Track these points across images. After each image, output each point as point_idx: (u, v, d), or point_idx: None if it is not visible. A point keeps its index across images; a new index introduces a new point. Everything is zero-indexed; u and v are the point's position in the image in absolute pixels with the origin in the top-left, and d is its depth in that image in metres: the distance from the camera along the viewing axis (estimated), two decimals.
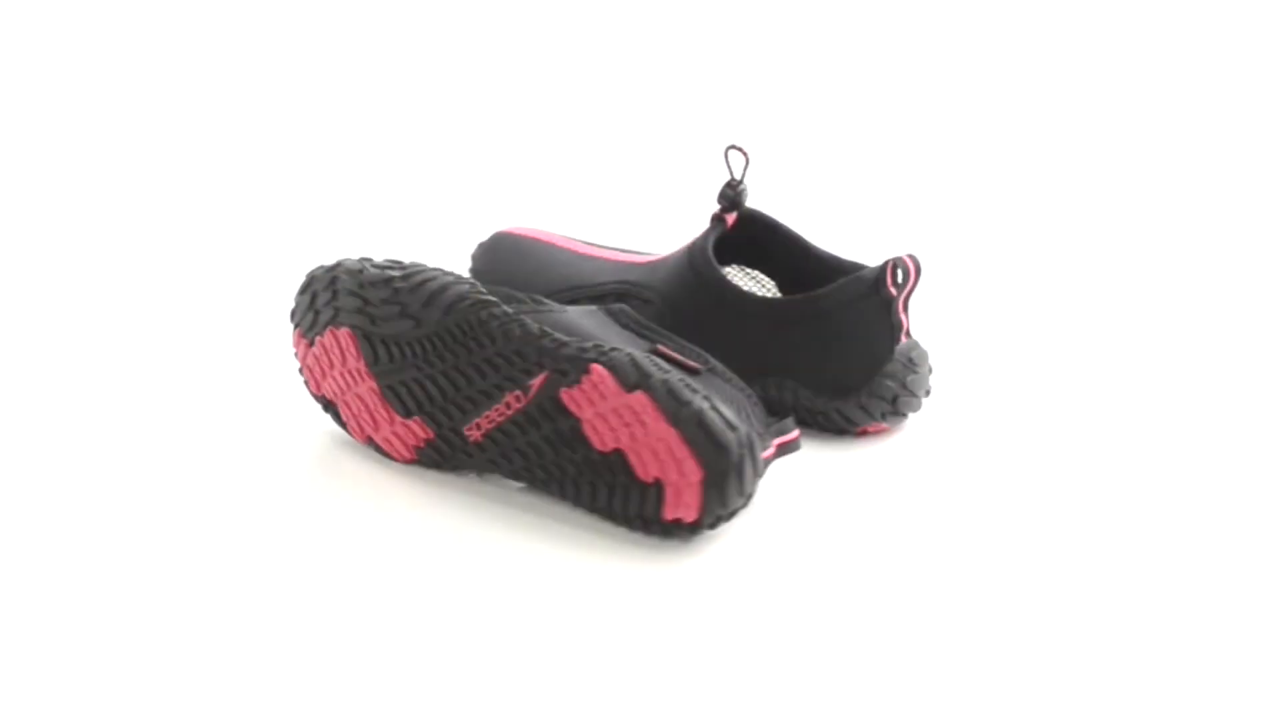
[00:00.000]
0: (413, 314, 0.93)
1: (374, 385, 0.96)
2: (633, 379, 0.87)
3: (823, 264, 1.03)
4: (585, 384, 0.88)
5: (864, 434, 1.00)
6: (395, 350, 0.94)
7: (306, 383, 1.00)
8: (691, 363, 0.92)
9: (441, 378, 0.92)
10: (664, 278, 1.04)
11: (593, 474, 0.89)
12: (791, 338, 1.00)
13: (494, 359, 0.91)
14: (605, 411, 0.87)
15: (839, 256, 1.03)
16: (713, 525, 0.88)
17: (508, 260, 1.13)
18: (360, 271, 0.96)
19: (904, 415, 1.00)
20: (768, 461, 0.90)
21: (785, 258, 1.05)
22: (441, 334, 0.93)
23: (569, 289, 1.09)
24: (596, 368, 0.88)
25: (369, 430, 0.97)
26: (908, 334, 0.99)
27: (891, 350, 0.98)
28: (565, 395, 0.88)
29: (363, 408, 0.97)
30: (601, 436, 0.88)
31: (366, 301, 0.95)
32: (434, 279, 0.94)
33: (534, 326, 0.91)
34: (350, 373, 0.97)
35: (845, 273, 1.02)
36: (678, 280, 1.03)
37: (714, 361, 0.93)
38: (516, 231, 1.15)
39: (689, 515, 0.87)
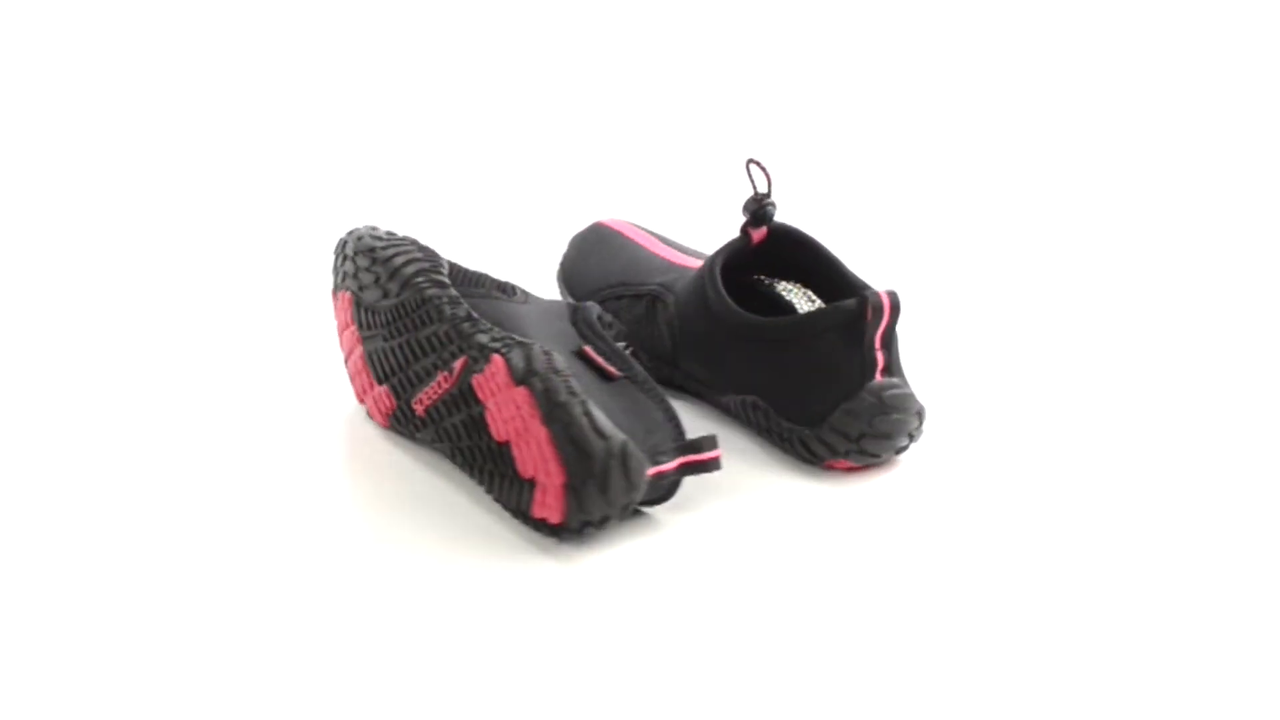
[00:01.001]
0: (382, 285, 0.98)
1: (361, 350, 1.00)
2: (519, 373, 0.88)
3: (848, 286, 1.00)
4: (487, 372, 0.89)
5: (830, 468, 0.97)
6: (372, 318, 0.99)
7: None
8: (610, 368, 0.92)
9: (401, 350, 0.96)
10: (683, 285, 1.04)
11: (491, 462, 0.90)
12: (769, 359, 0.97)
13: (434, 338, 0.94)
14: (502, 402, 0.89)
15: (862, 281, 1.00)
16: (579, 531, 0.88)
17: (589, 251, 1.15)
18: (360, 239, 1.01)
19: (874, 456, 0.96)
20: (662, 477, 0.89)
21: (820, 275, 1.03)
22: (401, 307, 0.96)
23: (618, 285, 1.09)
24: (496, 358, 0.89)
25: (361, 392, 1.02)
26: (885, 372, 0.95)
27: (859, 386, 0.95)
28: (476, 381, 0.90)
29: (358, 369, 1.02)
30: (498, 426, 0.89)
31: (357, 268, 1.00)
32: (401, 254, 0.98)
33: (463, 311, 0.93)
34: (350, 335, 1.02)
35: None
36: (689, 289, 1.03)
37: (638, 371, 0.93)
38: (608, 223, 1.17)
39: (553, 517, 0.87)
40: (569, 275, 1.15)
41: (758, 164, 1.00)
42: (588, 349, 0.93)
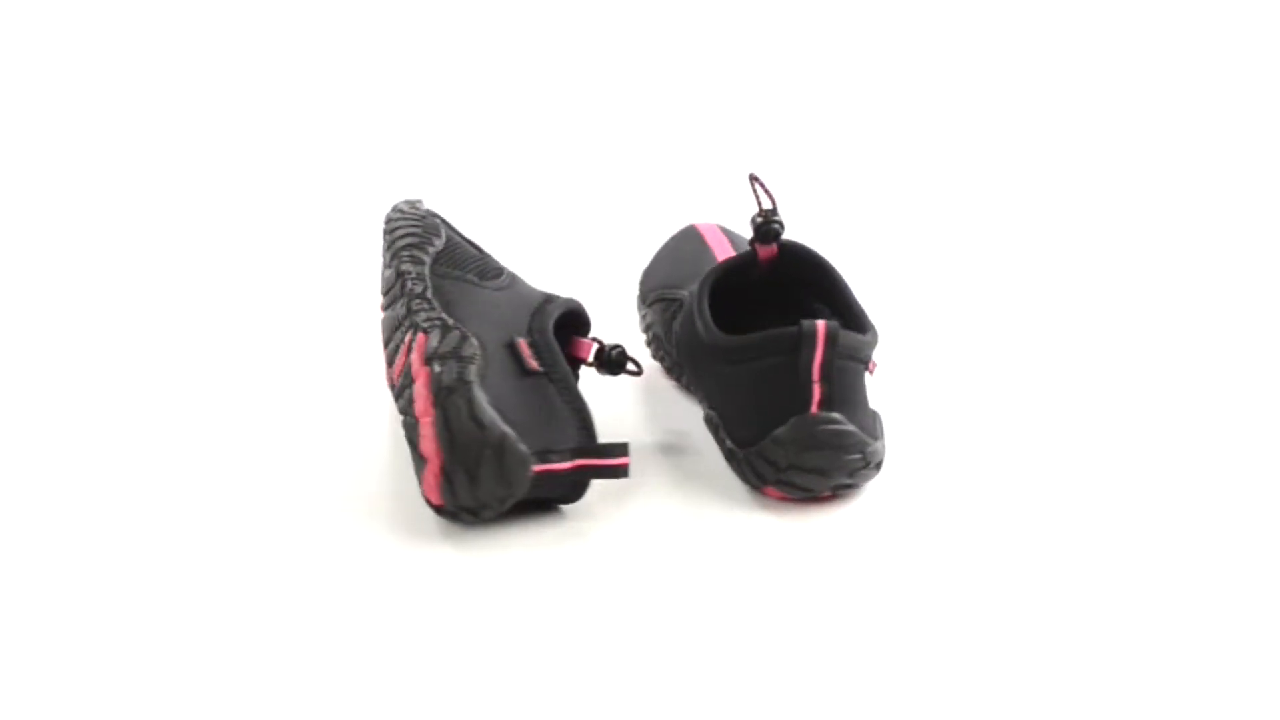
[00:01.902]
0: (384, 258, 1.03)
1: (383, 316, 1.06)
2: (428, 354, 0.91)
3: (847, 311, 0.98)
4: (414, 350, 0.93)
5: (766, 494, 0.95)
6: (383, 286, 1.03)
7: None
8: (531, 362, 0.93)
9: (386, 323, 1.01)
10: (688, 294, 1.03)
11: (415, 438, 0.94)
12: (723, 376, 0.96)
13: (400, 313, 0.98)
14: (417, 379, 0.92)
15: (862, 309, 0.97)
16: (456, 516, 0.90)
17: (665, 253, 1.15)
18: (389, 212, 1.06)
19: (804, 490, 0.93)
20: (554, 476, 0.90)
21: (828, 297, 1.00)
22: (388, 281, 1.01)
23: (663, 288, 1.10)
24: (420, 336, 0.93)
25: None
26: (823, 405, 0.92)
27: (788, 415, 0.92)
28: (411, 358, 0.94)
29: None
30: (418, 403, 0.93)
31: (384, 238, 1.05)
32: (401, 228, 1.02)
33: (420, 288, 0.97)
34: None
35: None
36: (689, 299, 1.02)
37: (560, 370, 0.94)
38: (699, 226, 1.17)
39: (434, 499, 0.90)
40: (644, 274, 1.15)
41: (758, 180, 0.99)
42: (520, 341, 0.95)
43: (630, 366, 1.01)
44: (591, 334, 1.03)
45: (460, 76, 1.59)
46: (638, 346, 1.11)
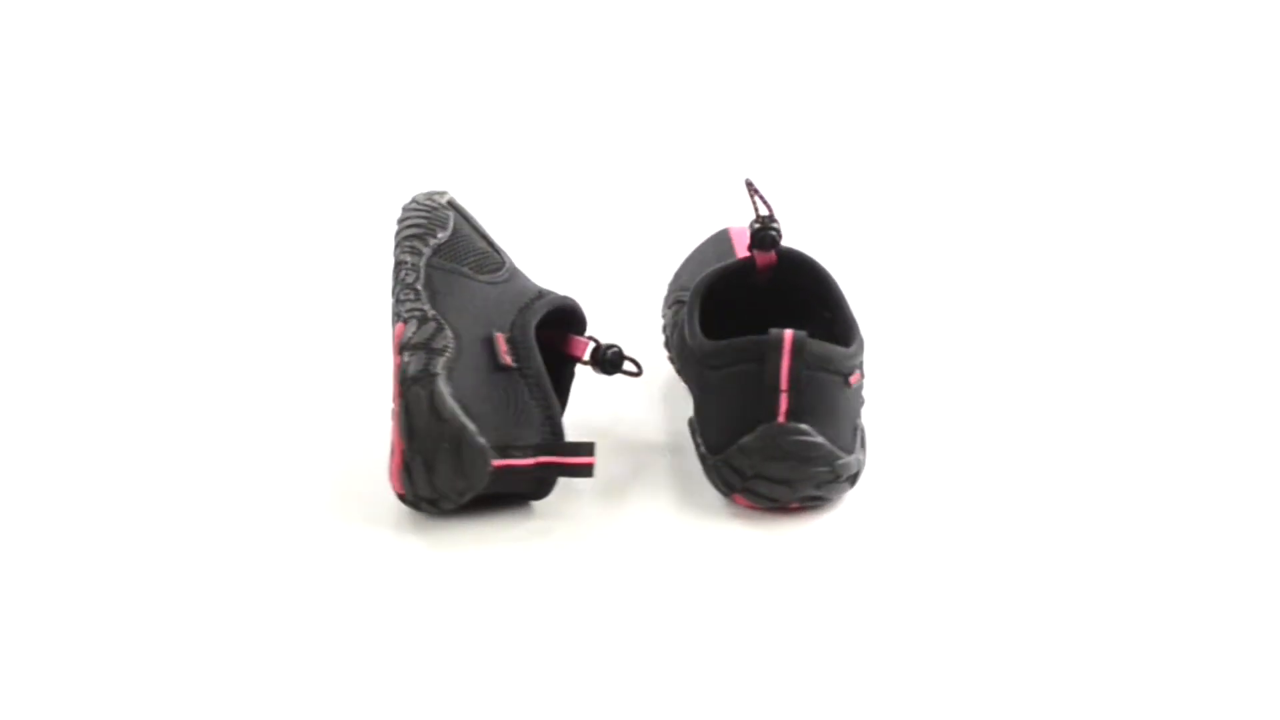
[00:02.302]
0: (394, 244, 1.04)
1: None
2: (400, 344, 0.92)
3: (841, 323, 0.97)
4: (393, 340, 0.94)
5: (735, 502, 0.94)
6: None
7: None
8: (506, 358, 0.94)
9: (391, 312, 1.03)
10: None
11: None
12: (700, 380, 0.96)
13: (394, 301, 0.99)
14: (394, 369, 0.94)
15: (854, 321, 0.97)
16: (416, 506, 0.91)
17: (695, 255, 1.15)
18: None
19: (770, 500, 0.92)
20: (516, 471, 0.91)
21: (825, 307, 0.99)
22: (393, 270, 1.02)
23: (680, 290, 1.10)
24: (399, 326, 0.94)
25: None
26: (791, 415, 0.91)
27: (755, 424, 0.91)
28: (392, 347, 0.95)
29: None
30: (392, 392, 0.94)
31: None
32: (409, 218, 1.03)
33: (411, 278, 0.98)
34: None
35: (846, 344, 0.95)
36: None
37: (533, 367, 0.94)
38: (730, 229, 1.16)
39: (396, 487, 0.91)
40: (673, 276, 1.15)
41: (754, 187, 0.98)
42: (499, 335, 0.96)
43: (629, 367, 1.01)
44: (608, 335, 1.03)
45: (488, 77, 1.60)
46: (658, 348, 1.12)
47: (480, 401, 0.92)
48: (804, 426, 0.91)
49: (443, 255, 1.01)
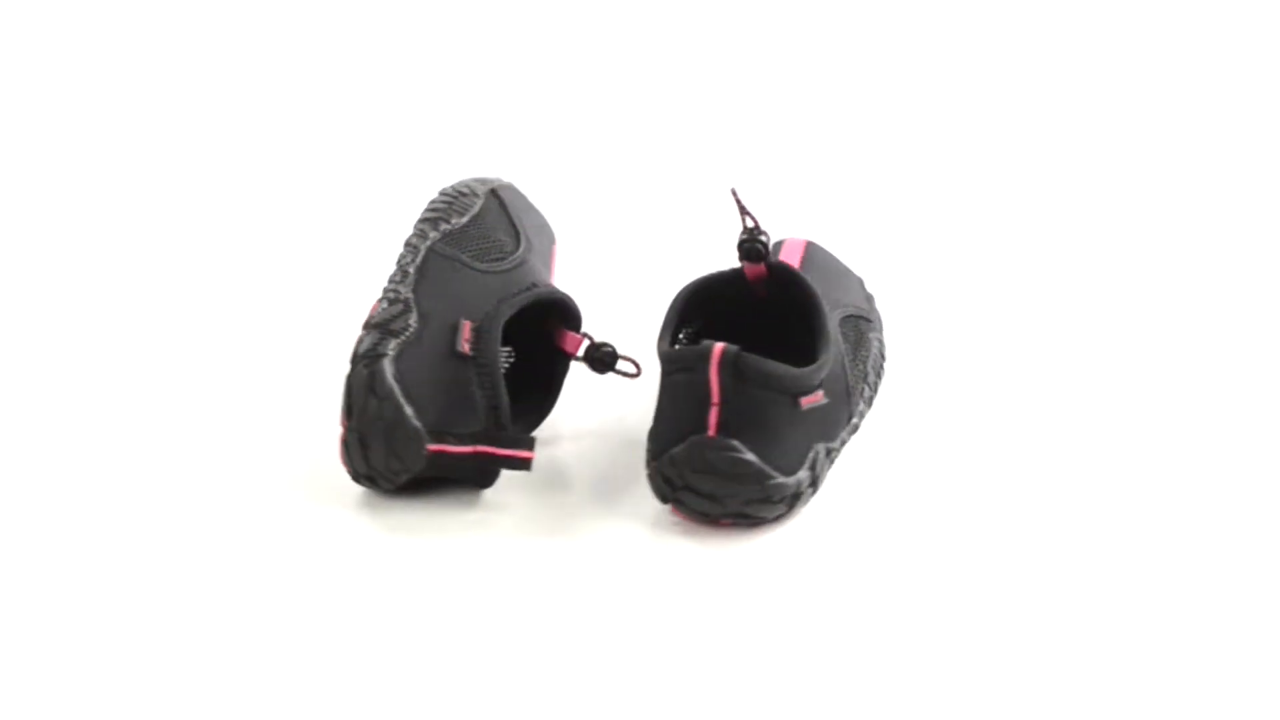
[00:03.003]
0: None
1: None
2: (365, 322, 0.95)
3: (820, 339, 0.96)
4: None
5: (672, 510, 0.93)
6: None
7: None
8: (464, 346, 0.95)
9: None
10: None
11: None
12: (660, 384, 0.95)
13: (389, 279, 1.02)
14: None
15: (826, 341, 0.95)
16: (358, 481, 0.94)
17: None
18: None
19: (699, 513, 0.91)
20: (452, 458, 0.92)
21: (808, 321, 0.97)
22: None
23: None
24: (375, 304, 0.97)
25: None
26: (722, 429, 0.89)
27: (685, 435, 0.90)
28: None
29: None
30: None
31: None
32: (430, 204, 1.05)
33: (406, 259, 1.00)
34: None
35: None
36: None
37: (487, 358, 0.96)
38: (787, 240, 1.14)
39: (343, 463, 0.94)
40: None
41: (739, 197, 0.97)
42: (465, 323, 0.97)
43: (626, 368, 1.01)
44: (620, 336, 1.04)
45: (498, 77, 1.59)
46: None
47: (424, 385, 0.94)
48: (733, 443, 0.90)
49: (447, 241, 1.03)
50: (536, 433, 1.01)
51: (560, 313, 1.03)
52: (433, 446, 0.92)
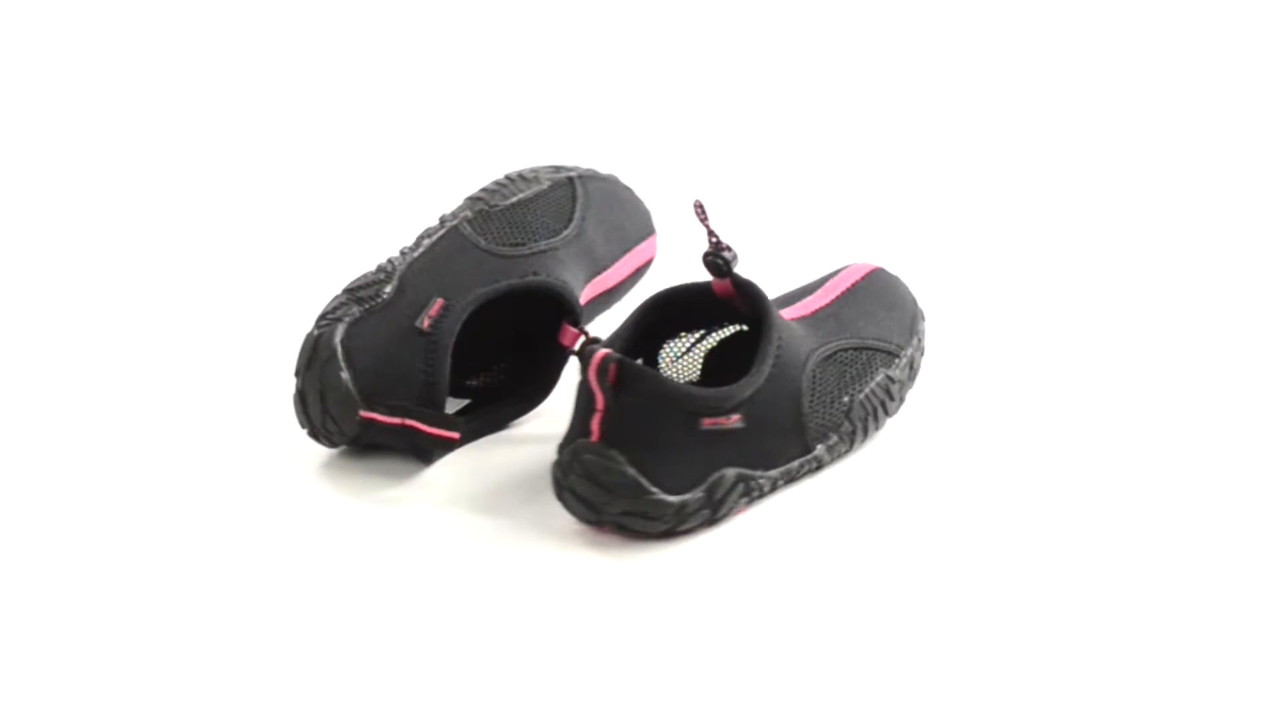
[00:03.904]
0: None
1: None
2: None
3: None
4: None
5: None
6: None
7: None
8: (425, 322, 0.98)
9: None
10: None
11: None
12: None
13: None
14: None
15: (765, 355, 0.94)
16: (311, 436, 0.99)
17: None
18: None
19: (581, 517, 0.91)
20: (378, 425, 0.97)
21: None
22: None
23: None
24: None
25: None
26: (604, 436, 0.89)
27: (574, 437, 0.90)
28: None
29: None
30: None
31: None
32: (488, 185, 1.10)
33: (427, 231, 1.05)
34: None
35: None
36: None
37: (438, 338, 0.98)
38: (853, 265, 1.10)
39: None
40: None
41: (702, 211, 0.95)
42: (438, 301, 1.00)
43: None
44: None
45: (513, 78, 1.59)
46: None
47: (370, 353, 0.97)
48: (611, 452, 0.89)
49: (479, 218, 1.06)
50: (523, 421, 1.04)
51: (556, 304, 1.04)
52: (364, 413, 0.96)
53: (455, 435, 0.97)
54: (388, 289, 1.00)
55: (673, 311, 0.99)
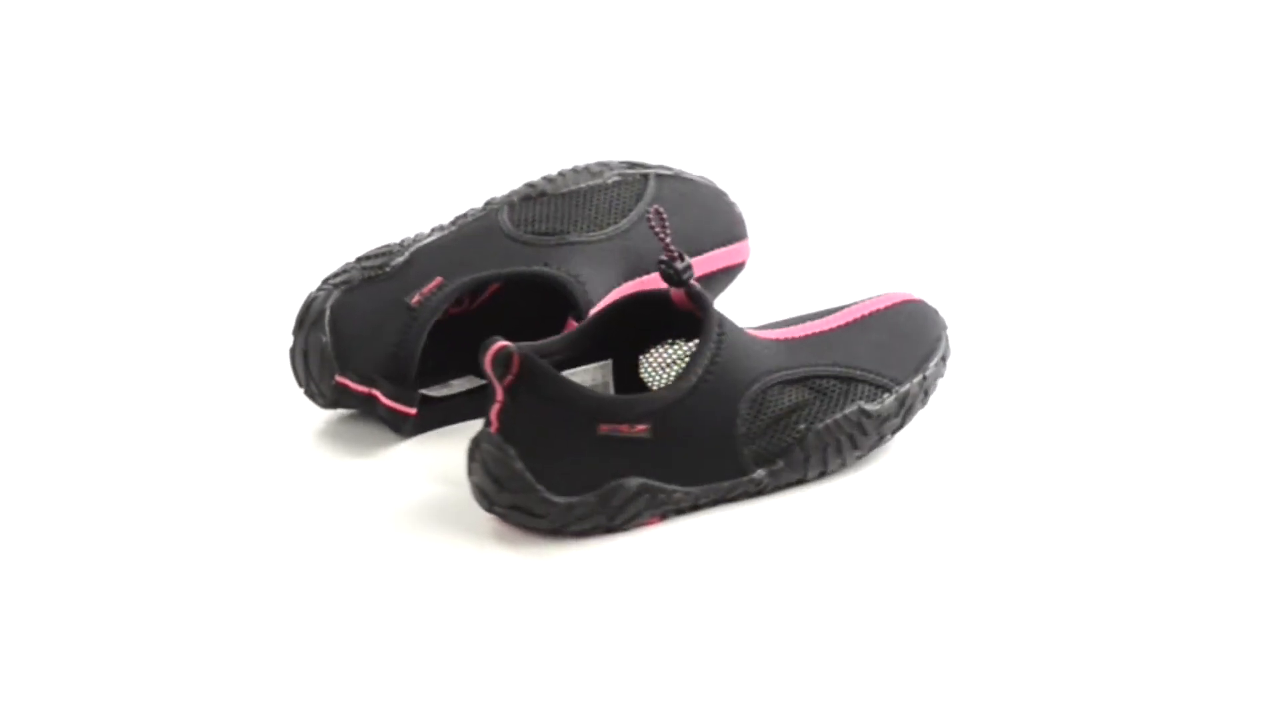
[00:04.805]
0: None
1: None
2: None
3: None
4: None
5: None
6: None
7: None
8: (415, 299, 1.01)
9: None
10: None
11: None
12: None
13: None
14: None
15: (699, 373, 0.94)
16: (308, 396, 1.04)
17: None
18: None
19: (480, 504, 0.92)
20: (349, 391, 1.01)
21: None
22: None
23: None
24: None
25: None
26: (502, 429, 0.89)
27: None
28: None
29: None
30: None
31: None
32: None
33: (466, 212, 1.09)
34: None
35: None
36: None
37: (423, 318, 1.01)
38: (887, 293, 1.04)
39: None
40: None
41: (657, 218, 0.93)
42: (437, 279, 1.02)
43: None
44: None
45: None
46: None
47: (356, 321, 1.01)
48: (504, 444, 0.90)
49: (519, 205, 1.08)
50: None
51: (560, 292, 1.05)
52: (339, 378, 1.01)
53: (411, 411, 1.00)
54: (396, 261, 1.04)
55: (648, 316, 0.98)
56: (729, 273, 1.16)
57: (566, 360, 0.96)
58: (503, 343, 0.90)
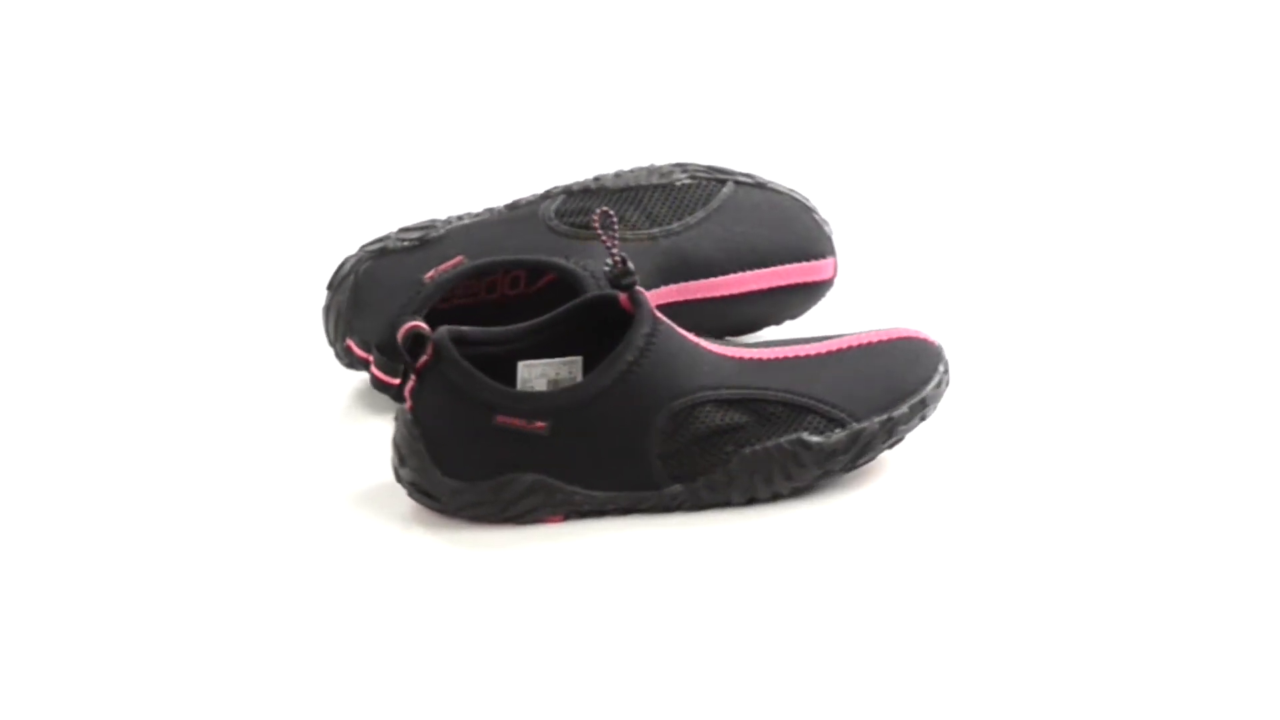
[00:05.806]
0: None
1: None
2: None
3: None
4: None
5: None
6: None
7: None
8: (430, 275, 1.04)
9: None
10: None
11: None
12: None
13: None
14: None
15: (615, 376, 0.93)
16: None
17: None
18: None
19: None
20: (354, 356, 1.06)
21: None
22: None
23: None
24: None
25: None
26: (415, 406, 0.92)
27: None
28: None
29: None
30: None
31: None
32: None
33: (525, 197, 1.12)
34: None
35: None
36: None
37: (428, 294, 1.04)
38: (897, 329, 0.98)
39: None
40: None
41: (605, 221, 0.92)
42: (459, 259, 1.05)
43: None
44: None
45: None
46: None
47: (377, 290, 1.06)
48: (414, 423, 0.92)
49: (573, 195, 1.09)
50: None
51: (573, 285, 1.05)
52: (348, 341, 1.06)
53: (394, 381, 1.03)
54: (431, 235, 1.08)
55: (612, 317, 0.98)
56: (806, 290, 1.13)
57: (523, 350, 0.97)
58: (415, 323, 0.93)
